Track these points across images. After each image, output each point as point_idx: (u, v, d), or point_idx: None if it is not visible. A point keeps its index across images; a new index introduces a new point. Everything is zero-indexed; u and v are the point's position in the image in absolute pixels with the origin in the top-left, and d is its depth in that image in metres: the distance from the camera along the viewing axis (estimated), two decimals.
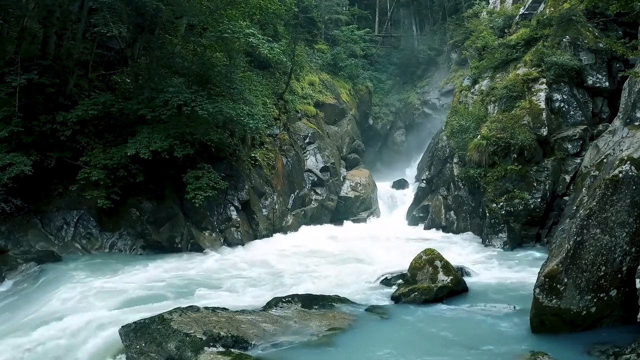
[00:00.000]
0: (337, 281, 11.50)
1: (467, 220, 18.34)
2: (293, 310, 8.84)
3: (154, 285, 10.86)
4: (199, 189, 14.05)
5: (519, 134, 16.11)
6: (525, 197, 15.68)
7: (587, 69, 17.21)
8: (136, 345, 7.24)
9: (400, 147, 32.68)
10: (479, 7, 27.52)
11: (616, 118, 14.26)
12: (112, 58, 16.58)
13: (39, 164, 13.16)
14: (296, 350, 7.39)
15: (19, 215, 13.19)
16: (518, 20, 21.31)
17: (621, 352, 6.84)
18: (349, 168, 25.38)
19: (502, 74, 19.35)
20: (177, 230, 14.45)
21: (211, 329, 7.43)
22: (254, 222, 17.07)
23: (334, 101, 25.84)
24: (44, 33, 14.64)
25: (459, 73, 27.26)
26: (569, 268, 7.54)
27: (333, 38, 30.44)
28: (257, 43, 15.61)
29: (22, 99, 13.13)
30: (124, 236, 14.08)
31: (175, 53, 16.25)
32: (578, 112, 16.90)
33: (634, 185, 7.64)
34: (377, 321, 8.74)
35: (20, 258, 12.03)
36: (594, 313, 7.58)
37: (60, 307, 9.47)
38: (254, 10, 17.18)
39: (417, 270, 10.68)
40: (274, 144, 19.85)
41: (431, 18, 39.14)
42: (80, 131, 13.86)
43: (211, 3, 15.40)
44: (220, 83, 15.93)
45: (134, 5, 14.39)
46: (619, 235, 7.53)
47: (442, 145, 21.09)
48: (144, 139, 13.54)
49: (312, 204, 20.95)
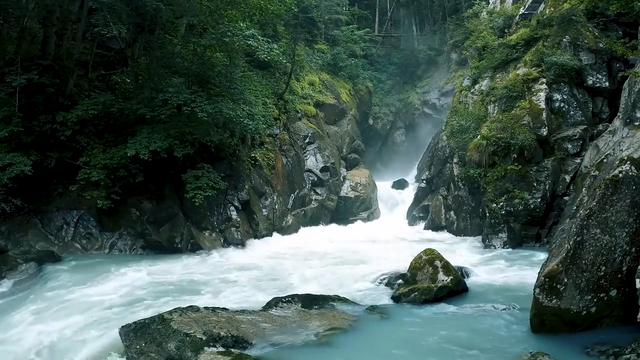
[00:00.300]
0: (337, 281, 11.49)
1: (467, 220, 18.34)
2: (293, 310, 8.84)
3: (154, 285, 10.85)
4: (199, 188, 14.05)
5: (519, 134, 16.11)
6: (525, 197, 15.68)
7: (587, 69, 17.21)
8: (136, 345, 7.23)
9: (400, 147, 32.69)
10: (479, 7, 27.52)
11: (616, 118, 14.25)
12: (112, 58, 16.58)
13: (39, 164, 13.16)
14: (296, 350, 7.39)
15: (19, 215, 13.20)
16: (518, 20, 21.32)
17: (621, 352, 6.84)
18: (349, 168, 25.39)
19: (502, 74, 19.35)
20: (177, 230, 14.45)
21: (211, 329, 7.43)
22: (254, 222, 17.07)
23: (334, 101, 25.84)
24: (44, 33, 14.64)
25: (459, 73, 27.27)
26: (569, 268, 7.54)
27: (333, 38, 30.44)
28: (256, 45, 15.62)
29: (22, 99, 13.13)
30: (124, 236, 14.09)
31: (175, 53, 16.25)
32: (578, 112, 16.90)
33: (634, 185, 7.64)
34: (377, 321, 8.73)
35: (20, 258, 12.02)
36: (594, 313, 7.58)
37: (60, 307, 9.47)
38: (254, 11, 17.17)
39: (417, 270, 10.68)
40: (274, 144, 19.85)
41: (431, 18, 39.16)
42: (80, 131, 13.87)
43: (211, 3, 15.39)
44: (220, 83, 15.94)
45: (134, 5, 14.39)
46: (619, 235, 7.53)
47: (442, 145, 21.09)
48: (144, 139, 13.54)
49: (312, 204, 20.95)
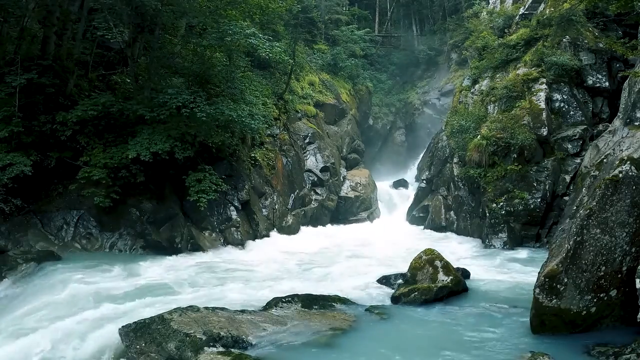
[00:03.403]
0: (337, 281, 11.49)
1: (467, 220, 18.34)
2: (293, 310, 8.84)
3: (154, 285, 10.84)
4: (202, 191, 14.06)
5: (519, 134, 16.12)
6: (525, 197, 15.69)
7: (587, 69, 17.22)
8: (136, 345, 7.22)
9: (400, 147, 32.68)
10: (479, 7, 27.55)
11: (616, 118, 14.26)
12: (112, 58, 16.58)
13: (39, 164, 13.15)
14: (296, 350, 7.38)
15: (19, 215, 13.18)
16: (518, 20, 21.32)
17: (621, 352, 6.83)
18: (349, 168, 25.39)
19: (502, 74, 19.36)
20: (177, 230, 14.45)
21: (211, 329, 7.42)
22: (254, 222, 17.06)
23: (334, 101, 25.84)
24: (44, 33, 14.63)
25: (459, 73, 27.28)
26: (569, 268, 7.54)
27: (333, 38, 30.43)
28: (257, 44, 15.61)
29: (22, 99, 13.12)
30: (124, 236, 14.07)
31: (175, 53, 16.25)
32: (578, 112, 16.91)
33: (634, 185, 7.64)
34: (377, 321, 8.73)
35: (20, 258, 12.01)
36: (594, 313, 7.57)
37: (60, 307, 9.46)
38: (254, 10, 17.17)
39: (417, 270, 10.67)
40: (274, 144, 19.85)
41: (431, 18, 39.16)
42: (80, 131, 13.85)
43: (211, 3, 15.39)
44: (220, 83, 15.93)
45: (134, 5, 14.39)
46: (619, 235, 7.52)
47: (442, 145, 21.10)
48: (144, 140, 13.52)
49: (312, 204, 20.95)
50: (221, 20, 15.20)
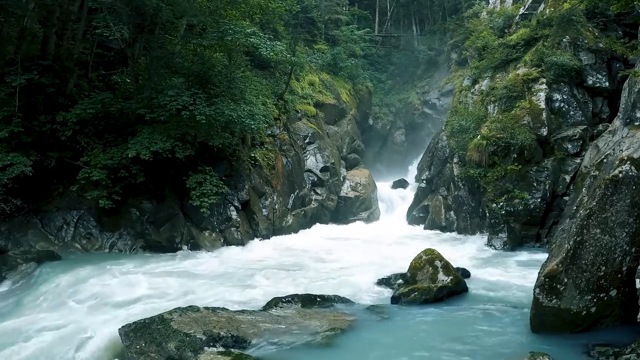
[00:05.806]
0: (337, 281, 11.48)
1: (467, 220, 18.34)
2: (293, 310, 8.84)
3: (154, 285, 10.83)
4: (204, 195, 14.06)
5: (519, 134, 16.12)
6: (525, 197, 15.69)
7: (587, 69, 17.21)
8: (136, 345, 7.22)
9: (400, 147, 32.69)
10: (479, 7, 27.55)
11: (616, 118, 14.26)
12: (112, 58, 16.57)
13: (39, 164, 13.15)
14: (296, 350, 7.38)
15: (19, 215, 13.18)
16: (518, 20, 21.32)
17: (621, 352, 6.83)
18: (349, 168, 25.38)
19: (502, 74, 19.36)
20: (177, 230, 14.45)
21: (211, 329, 7.43)
22: (254, 222, 17.06)
23: (334, 101, 25.83)
24: (44, 33, 14.62)
25: (459, 73, 27.26)
26: (569, 268, 7.54)
27: (333, 38, 30.43)
28: (258, 43, 15.59)
29: (22, 99, 13.11)
30: (124, 236, 14.08)
31: (175, 53, 16.23)
32: (578, 112, 16.90)
33: (634, 185, 7.64)
34: (377, 321, 8.73)
35: (20, 258, 12.01)
36: (594, 313, 7.58)
37: (59, 307, 9.47)
38: (254, 10, 17.15)
39: (417, 270, 10.68)
40: (274, 144, 19.84)
41: (431, 18, 39.20)
42: (80, 131, 13.86)
43: (211, 3, 15.38)
44: (220, 83, 15.92)
45: (134, 5, 14.38)
46: (619, 235, 7.53)
47: (442, 145, 21.09)
48: (145, 139, 13.51)
49: (312, 204, 20.95)
50: (221, 20, 15.19)
